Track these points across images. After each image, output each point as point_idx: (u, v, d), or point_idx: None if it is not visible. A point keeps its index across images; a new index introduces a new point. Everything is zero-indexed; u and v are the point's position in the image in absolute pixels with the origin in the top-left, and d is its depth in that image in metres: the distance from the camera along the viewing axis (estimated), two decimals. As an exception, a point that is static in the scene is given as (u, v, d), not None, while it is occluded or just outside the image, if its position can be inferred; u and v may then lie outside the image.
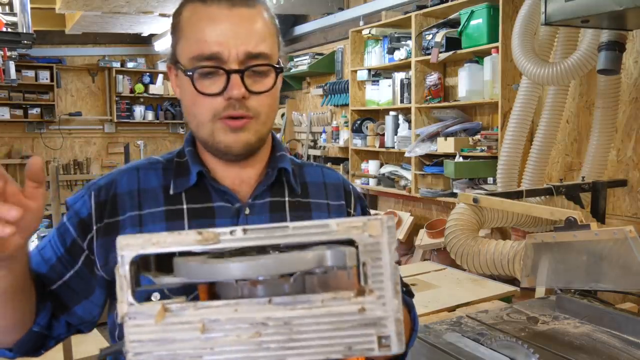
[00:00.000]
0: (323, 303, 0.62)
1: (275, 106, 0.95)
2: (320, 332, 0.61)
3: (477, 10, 3.31)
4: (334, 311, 0.62)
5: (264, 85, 0.89)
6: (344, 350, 0.61)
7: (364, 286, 0.62)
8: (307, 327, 0.61)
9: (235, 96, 0.86)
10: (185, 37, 0.90)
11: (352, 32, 4.47)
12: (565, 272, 1.63)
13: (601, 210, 2.39)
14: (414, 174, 3.90)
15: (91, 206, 0.94)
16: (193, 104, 0.90)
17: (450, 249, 2.01)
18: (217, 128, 0.90)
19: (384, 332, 0.61)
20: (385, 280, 0.62)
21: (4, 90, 6.53)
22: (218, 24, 0.86)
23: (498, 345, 1.51)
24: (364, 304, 0.61)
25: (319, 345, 0.61)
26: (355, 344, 0.61)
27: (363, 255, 0.62)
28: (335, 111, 5.18)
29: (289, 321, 0.62)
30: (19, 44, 3.38)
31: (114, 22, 5.42)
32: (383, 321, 0.61)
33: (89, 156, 7.42)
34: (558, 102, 2.70)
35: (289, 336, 0.61)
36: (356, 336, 0.61)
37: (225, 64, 0.86)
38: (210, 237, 0.64)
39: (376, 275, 0.62)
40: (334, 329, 0.61)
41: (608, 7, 1.71)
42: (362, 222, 0.63)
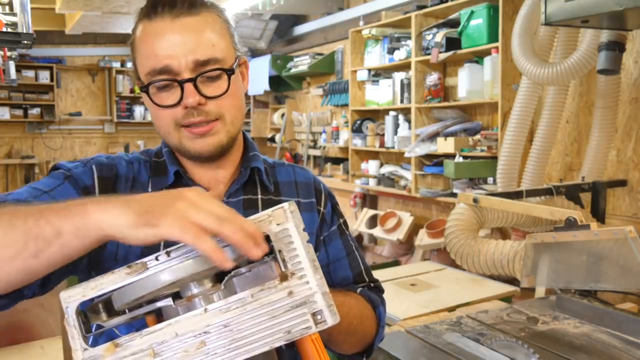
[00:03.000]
0: (253, 297, 0.66)
1: (240, 105, 0.98)
2: (258, 325, 0.65)
3: (477, 10, 3.31)
4: (265, 301, 0.66)
5: (219, 89, 0.92)
6: (284, 335, 0.65)
7: (285, 271, 0.67)
8: (246, 324, 0.66)
9: (190, 104, 0.89)
10: (139, 55, 0.94)
11: (352, 32, 4.47)
12: (565, 272, 1.63)
13: (601, 210, 2.39)
14: (414, 174, 3.90)
15: (94, 178, 0.95)
16: (156, 117, 0.95)
17: (450, 249, 2.01)
18: (183, 136, 0.94)
19: (315, 308, 0.66)
20: (302, 260, 0.67)
21: (4, 90, 6.53)
22: (164, 37, 0.89)
23: (498, 345, 1.51)
24: (290, 287, 0.66)
25: (261, 338, 0.65)
26: (293, 327, 0.65)
27: (277, 244, 0.68)
28: (335, 111, 5.18)
29: (228, 323, 0.66)
30: (19, 44, 3.37)
31: (114, 22, 5.42)
32: (311, 298, 0.66)
33: (89, 156, 7.41)
34: (558, 102, 2.70)
35: (232, 337, 0.65)
36: (292, 319, 0.66)
37: (178, 75, 0.90)
38: (139, 268, 0.68)
39: (293, 258, 0.67)
40: (270, 318, 0.66)
41: (608, 7, 1.71)
42: (267, 214, 0.69)
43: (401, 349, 1.60)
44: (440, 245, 3.49)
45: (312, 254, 0.68)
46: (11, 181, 6.95)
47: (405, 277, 2.54)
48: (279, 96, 6.06)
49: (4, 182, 6.91)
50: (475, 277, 2.50)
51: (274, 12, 5.19)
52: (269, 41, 5.67)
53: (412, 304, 2.11)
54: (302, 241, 0.67)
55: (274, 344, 0.65)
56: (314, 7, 5.14)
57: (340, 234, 1.11)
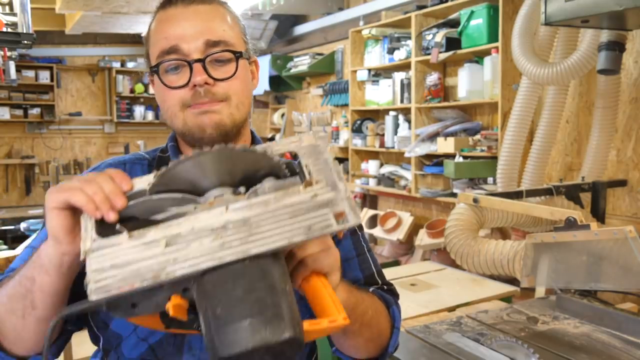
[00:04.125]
0: (276, 199, 0.65)
1: (247, 91, 0.99)
2: (278, 222, 0.64)
3: (477, 10, 3.31)
4: (288, 203, 0.65)
5: (227, 72, 0.93)
6: (304, 231, 0.63)
7: (310, 178, 0.67)
8: (266, 221, 0.64)
9: (198, 82, 0.90)
10: (152, 43, 0.96)
11: (352, 32, 4.47)
12: (565, 272, 1.63)
13: (601, 210, 2.39)
14: (414, 174, 3.90)
15: None
16: (164, 99, 0.95)
17: (450, 249, 2.01)
18: (187, 115, 0.94)
19: (338, 209, 0.65)
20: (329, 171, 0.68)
21: (4, 90, 6.53)
22: (176, 21, 0.93)
23: (498, 345, 1.51)
24: (314, 191, 0.66)
25: (280, 233, 0.63)
26: (314, 224, 0.64)
27: (305, 158, 0.69)
28: (335, 111, 5.18)
29: (247, 220, 0.64)
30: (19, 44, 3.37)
31: (114, 22, 5.42)
32: (335, 201, 0.65)
33: (89, 156, 7.41)
34: (558, 102, 2.70)
35: (249, 232, 0.63)
36: (313, 217, 0.64)
37: (187, 56, 0.91)
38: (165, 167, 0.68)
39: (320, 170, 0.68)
40: (291, 216, 0.64)
41: (608, 7, 1.71)
42: (297, 137, 0.71)
43: (401, 349, 1.60)
44: (440, 245, 3.49)
45: (337, 167, 0.68)
46: (11, 181, 6.95)
47: (405, 277, 2.54)
48: (279, 96, 6.06)
49: (4, 182, 6.91)
50: (475, 277, 2.50)
51: (274, 12, 5.18)
52: (269, 41, 5.67)
53: (412, 304, 2.11)
54: (329, 156, 0.69)
55: (293, 238, 0.63)
56: (314, 7, 5.14)
57: (350, 233, 1.09)
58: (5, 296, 0.79)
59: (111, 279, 0.61)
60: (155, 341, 0.91)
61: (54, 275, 0.74)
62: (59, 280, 0.75)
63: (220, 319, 0.59)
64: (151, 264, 0.62)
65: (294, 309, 0.62)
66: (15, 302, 0.77)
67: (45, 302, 0.76)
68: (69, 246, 0.71)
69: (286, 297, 0.62)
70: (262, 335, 0.58)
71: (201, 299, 0.62)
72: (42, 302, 0.76)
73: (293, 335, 0.59)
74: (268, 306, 0.60)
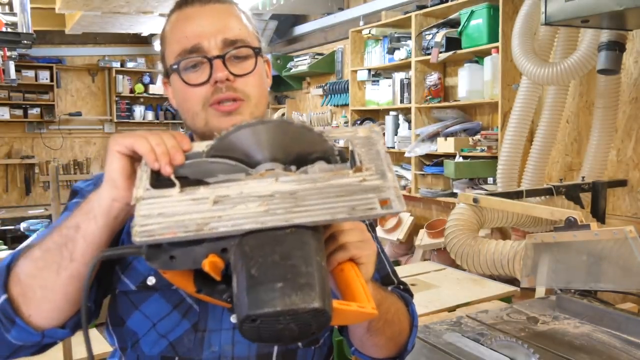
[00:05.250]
0: (324, 178, 0.67)
1: (264, 89, 0.99)
2: (324, 199, 0.65)
3: (477, 10, 3.31)
4: (335, 183, 0.66)
5: (246, 68, 0.94)
6: (347, 210, 0.64)
7: (361, 165, 0.68)
8: (312, 197, 0.65)
9: (219, 78, 0.91)
10: (169, 42, 0.96)
11: (352, 32, 4.47)
12: (565, 272, 1.63)
13: (601, 210, 2.39)
14: (414, 174, 3.90)
15: None
16: (184, 98, 0.95)
17: (450, 249, 2.01)
18: (210, 115, 0.94)
19: (383, 196, 0.65)
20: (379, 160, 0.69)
21: (4, 90, 6.53)
22: (194, 20, 0.93)
23: (498, 345, 1.51)
24: (363, 176, 0.67)
25: (325, 209, 0.64)
26: (358, 206, 0.64)
27: (356, 147, 0.71)
28: (335, 111, 5.18)
29: (295, 192, 0.65)
30: (19, 44, 3.38)
31: (113, 22, 5.42)
32: (382, 188, 0.66)
33: (89, 156, 7.41)
34: (558, 102, 2.70)
35: (295, 203, 0.64)
36: (358, 199, 0.65)
37: (207, 53, 0.92)
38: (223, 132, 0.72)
39: (371, 159, 0.69)
40: (338, 195, 0.65)
41: (608, 7, 1.71)
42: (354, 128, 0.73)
43: (401, 349, 1.60)
44: (440, 245, 3.49)
45: (388, 159, 0.69)
46: (11, 181, 6.95)
47: (405, 277, 2.53)
48: (279, 96, 6.06)
49: (4, 182, 6.91)
50: (475, 277, 2.50)
51: (274, 12, 5.18)
52: (269, 41, 5.67)
53: (412, 304, 2.10)
54: (381, 147, 0.70)
55: (336, 215, 0.63)
56: (314, 7, 5.14)
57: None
58: (40, 250, 0.78)
59: (156, 225, 0.63)
60: (175, 338, 0.90)
61: (100, 222, 0.75)
62: (104, 229, 0.75)
63: (253, 278, 0.60)
64: (196, 217, 0.63)
65: (326, 283, 0.62)
66: (51, 255, 0.76)
67: (85, 253, 0.75)
68: (122, 192, 0.73)
69: (320, 270, 0.62)
70: (292, 300, 0.58)
71: (238, 259, 0.63)
72: (81, 254, 0.75)
73: (321, 306, 0.59)
74: (302, 274, 0.60)
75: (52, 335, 0.81)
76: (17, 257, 0.81)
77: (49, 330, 0.81)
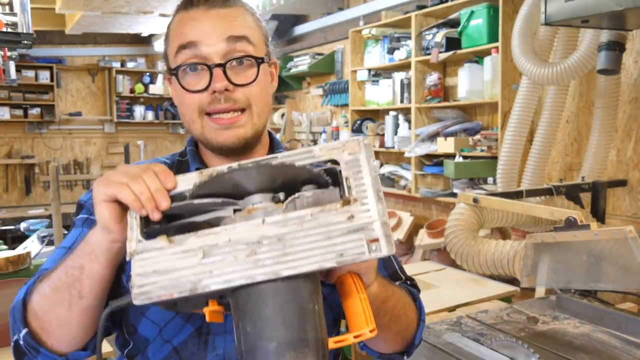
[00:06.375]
0: (313, 216, 0.66)
1: (267, 98, 0.97)
2: (312, 242, 0.64)
3: (477, 10, 3.31)
4: (323, 222, 0.65)
5: (247, 77, 0.92)
6: (335, 257, 0.64)
7: (349, 197, 0.67)
8: (300, 241, 0.65)
9: (218, 89, 0.89)
10: (170, 42, 0.95)
11: (352, 32, 4.47)
12: (565, 272, 1.63)
13: (601, 210, 2.39)
14: (414, 174, 3.90)
15: None
16: (182, 103, 0.94)
17: (450, 249, 2.01)
18: (206, 125, 0.93)
19: (372, 235, 0.64)
20: (368, 189, 0.67)
21: (4, 90, 6.53)
22: (196, 22, 0.91)
23: (498, 345, 1.51)
24: (351, 211, 0.66)
25: (312, 256, 0.64)
26: (346, 250, 0.64)
27: (345, 171, 0.68)
28: (335, 111, 5.18)
29: (282, 237, 0.65)
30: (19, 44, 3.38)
31: (113, 22, 5.42)
32: (370, 225, 0.65)
33: (89, 156, 7.41)
34: (558, 102, 2.70)
35: (283, 251, 0.64)
36: (346, 242, 0.64)
37: (207, 59, 0.90)
38: (209, 173, 0.70)
39: (359, 185, 0.67)
40: (325, 238, 0.64)
41: (608, 7, 1.71)
42: (341, 144, 0.70)
43: (401, 349, 1.60)
44: (440, 245, 3.49)
45: (378, 185, 0.68)
46: (11, 181, 6.95)
47: (405, 277, 2.54)
48: (279, 96, 6.06)
49: (4, 182, 6.90)
50: (475, 277, 2.50)
51: (274, 12, 5.18)
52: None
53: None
54: (371, 171, 0.68)
55: (324, 263, 0.64)
56: (314, 7, 5.14)
57: None
58: (49, 289, 0.80)
59: (152, 285, 0.66)
60: (179, 342, 0.91)
61: (103, 262, 0.77)
62: (108, 266, 0.77)
63: (249, 336, 0.64)
64: (189, 274, 0.65)
65: (321, 331, 0.65)
66: (61, 293, 0.79)
67: (93, 290, 0.78)
68: (117, 234, 0.74)
69: (314, 319, 0.65)
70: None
71: (234, 311, 0.66)
72: (89, 291, 0.78)
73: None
74: (295, 330, 0.63)
75: (76, 357, 0.85)
76: (30, 290, 0.84)
77: (72, 353, 0.85)
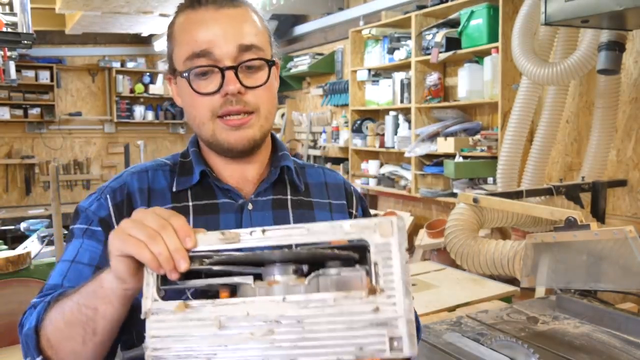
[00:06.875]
0: (335, 302, 0.62)
1: (274, 101, 0.98)
2: (332, 331, 0.62)
3: (477, 10, 3.31)
4: (345, 310, 0.62)
5: (259, 80, 0.92)
6: (355, 351, 0.61)
7: (375, 286, 0.62)
8: (319, 327, 0.62)
9: (231, 91, 0.89)
10: (178, 44, 0.93)
11: (352, 32, 4.47)
12: (565, 272, 1.63)
13: (601, 210, 2.39)
14: (414, 174, 3.90)
15: (109, 207, 0.95)
16: (192, 105, 0.93)
17: (450, 249, 2.01)
18: (217, 127, 0.92)
19: (395, 333, 0.61)
20: (396, 280, 0.62)
21: (4, 90, 6.53)
22: (207, 25, 0.90)
23: (498, 345, 1.51)
24: (376, 303, 0.61)
25: (331, 345, 0.61)
26: (366, 345, 0.61)
27: (375, 255, 0.63)
28: (335, 111, 5.18)
29: (302, 319, 0.62)
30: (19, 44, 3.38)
31: (114, 22, 5.42)
32: (394, 322, 0.61)
33: (89, 156, 7.42)
34: (558, 102, 2.70)
35: (302, 335, 0.62)
36: (367, 336, 0.61)
37: (219, 62, 0.89)
38: (232, 237, 0.67)
39: (387, 275, 0.62)
40: (346, 328, 0.61)
41: (608, 7, 1.71)
42: (373, 223, 0.64)
43: (401, 349, 1.60)
44: (440, 245, 3.49)
45: (407, 276, 0.63)
46: (11, 181, 6.95)
47: (405, 277, 2.54)
48: (279, 96, 6.04)
49: (4, 182, 6.91)
50: (475, 277, 2.50)
51: (274, 12, 5.18)
52: (269, 41, 5.67)
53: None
54: (402, 260, 0.63)
55: (342, 355, 0.61)
56: (314, 7, 5.14)
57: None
58: (63, 322, 0.80)
59: (167, 351, 0.65)
60: None
61: (117, 306, 0.77)
62: (122, 309, 0.78)
63: None
64: (204, 345, 0.64)
65: None
66: (75, 329, 0.79)
67: (106, 328, 0.79)
68: (133, 284, 0.73)
69: None
70: None
71: None
72: (103, 329, 0.79)
73: None
74: None
75: None
76: (42, 317, 0.83)
77: None
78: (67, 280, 0.91)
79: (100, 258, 0.92)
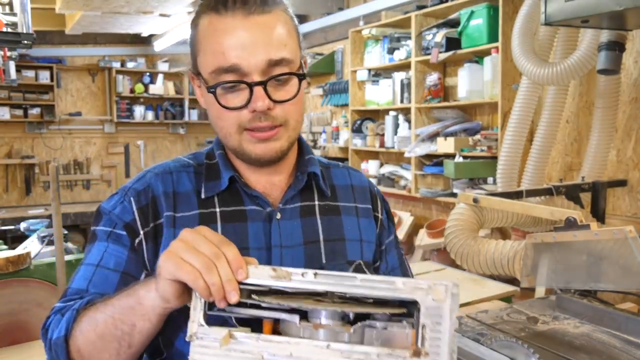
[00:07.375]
0: (379, 357, 0.62)
1: (302, 110, 0.96)
2: None
3: (477, 10, 3.31)
4: None
5: (288, 93, 0.89)
6: None
7: (421, 348, 0.62)
8: None
9: (259, 108, 0.86)
10: (203, 51, 0.89)
11: (352, 32, 4.47)
12: (565, 272, 1.63)
13: (601, 210, 2.39)
14: (414, 174, 3.90)
15: (134, 212, 0.93)
16: (218, 117, 0.91)
17: (450, 249, 2.01)
18: (244, 139, 0.91)
19: None
20: (442, 345, 0.62)
21: (4, 90, 6.53)
22: (235, 35, 0.85)
23: (498, 345, 1.51)
24: None
25: None
26: None
27: (424, 317, 0.63)
28: (335, 111, 5.18)
29: None
30: (19, 44, 3.38)
31: (114, 22, 5.42)
32: None
33: (89, 156, 7.41)
34: (558, 102, 2.70)
35: None
36: None
37: (247, 76, 0.86)
38: (283, 275, 0.67)
39: (434, 339, 0.62)
40: None
41: (608, 7, 1.71)
42: (427, 285, 0.64)
43: (401, 349, 1.60)
44: (440, 245, 3.49)
45: (454, 344, 0.63)
46: (11, 181, 6.95)
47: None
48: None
49: (4, 182, 6.90)
50: (475, 277, 2.50)
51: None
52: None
53: (412, 304, 2.10)
54: (451, 327, 0.63)
55: None
56: (314, 7, 5.14)
57: (396, 243, 1.13)
58: (95, 335, 0.80)
59: None
60: None
61: (155, 322, 0.78)
62: (159, 325, 0.79)
63: None
64: None
65: None
66: (110, 343, 0.80)
67: (142, 342, 0.80)
68: (176, 305, 0.74)
69: None
70: None
71: None
72: (139, 342, 0.80)
73: None
74: None
75: None
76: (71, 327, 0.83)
77: None
78: (92, 285, 0.90)
79: (125, 263, 0.91)
